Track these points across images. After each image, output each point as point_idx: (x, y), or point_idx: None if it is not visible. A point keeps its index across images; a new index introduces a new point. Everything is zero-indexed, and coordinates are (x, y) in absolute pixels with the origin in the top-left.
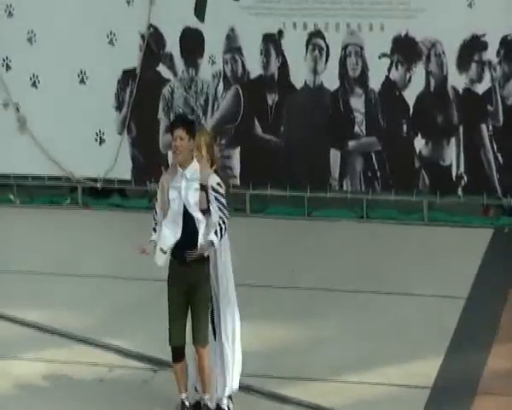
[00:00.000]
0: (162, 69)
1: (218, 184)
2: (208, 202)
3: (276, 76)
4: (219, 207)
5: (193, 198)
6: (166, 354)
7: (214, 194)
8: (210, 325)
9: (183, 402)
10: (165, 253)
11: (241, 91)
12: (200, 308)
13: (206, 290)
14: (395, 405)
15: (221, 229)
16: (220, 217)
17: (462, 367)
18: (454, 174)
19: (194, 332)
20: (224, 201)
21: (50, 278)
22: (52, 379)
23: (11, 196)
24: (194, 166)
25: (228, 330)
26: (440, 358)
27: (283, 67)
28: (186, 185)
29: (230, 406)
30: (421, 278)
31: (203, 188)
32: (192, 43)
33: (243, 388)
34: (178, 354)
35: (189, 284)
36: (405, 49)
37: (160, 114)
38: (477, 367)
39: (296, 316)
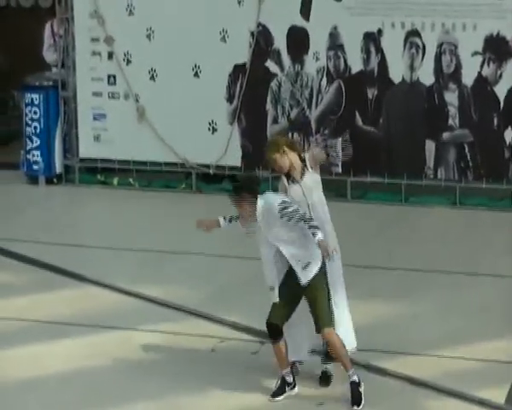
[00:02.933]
0: (270, 64)
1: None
2: None
3: (376, 72)
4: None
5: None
6: None
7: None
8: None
9: (283, 378)
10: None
11: (343, 86)
12: (318, 294)
13: (321, 278)
14: (484, 378)
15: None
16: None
17: None
18: None
19: (316, 319)
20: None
21: (165, 256)
22: (168, 349)
23: (131, 180)
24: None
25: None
26: None
27: (382, 63)
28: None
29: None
30: (510, 260)
31: None
32: (298, 40)
33: None
34: (274, 332)
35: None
36: (496, 48)
37: (268, 106)
38: None
39: (394, 295)
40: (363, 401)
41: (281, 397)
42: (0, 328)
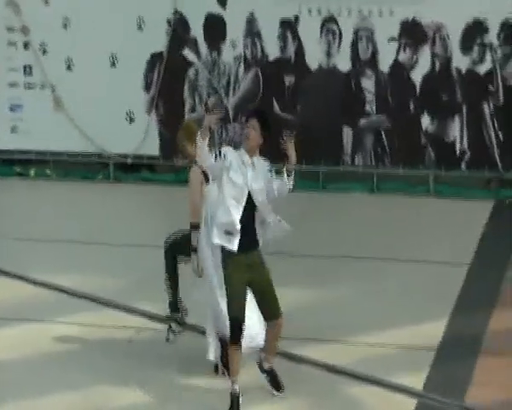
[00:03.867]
0: (187, 53)
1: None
2: None
3: (293, 59)
4: None
5: (259, 187)
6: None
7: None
8: None
9: (234, 394)
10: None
11: (260, 73)
12: (269, 283)
13: (266, 267)
14: (402, 364)
15: None
16: None
17: (465, 329)
18: (458, 150)
19: (270, 308)
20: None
21: (82, 247)
22: (85, 341)
23: (47, 171)
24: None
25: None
26: (445, 321)
27: (299, 50)
28: (253, 174)
29: None
30: (427, 246)
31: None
32: (215, 28)
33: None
34: (239, 328)
35: (251, 266)
36: (412, 33)
37: (186, 95)
38: (479, 329)
39: (311, 281)
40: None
41: None
42: None
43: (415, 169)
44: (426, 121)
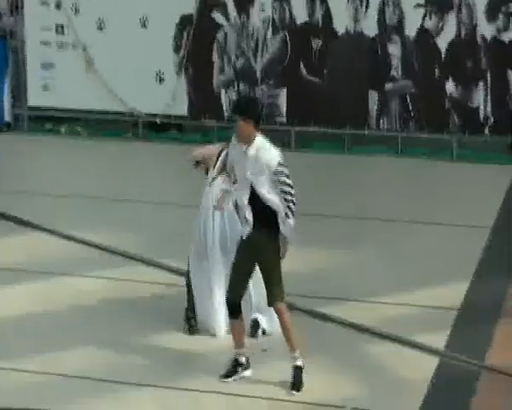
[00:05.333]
0: (216, 15)
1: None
2: None
3: (320, 23)
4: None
5: (259, 179)
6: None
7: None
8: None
9: (236, 359)
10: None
11: (288, 36)
12: (271, 268)
13: (274, 250)
14: (425, 324)
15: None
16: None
17: (486, 292)
18: (482, 115)
19: (269, 292)
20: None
21: (110, 203)
22: (115, 295)
23: (79, 129)
24: (257, 143)
25: None
26: (467, 282)
27: (327, 14)
28: (253, 166)
29: None
30: (450, 209)
31: None
32: None
33: (289, 306)
34: (235, 309)
35: (256, 247)
36: (438, 0)
37: (214, 57)
38: (500, 292)
39: (337, 242)
40: (303, 387)
41: (231, 378)
42: None
43: (439, 133)
44: (450, 87)
